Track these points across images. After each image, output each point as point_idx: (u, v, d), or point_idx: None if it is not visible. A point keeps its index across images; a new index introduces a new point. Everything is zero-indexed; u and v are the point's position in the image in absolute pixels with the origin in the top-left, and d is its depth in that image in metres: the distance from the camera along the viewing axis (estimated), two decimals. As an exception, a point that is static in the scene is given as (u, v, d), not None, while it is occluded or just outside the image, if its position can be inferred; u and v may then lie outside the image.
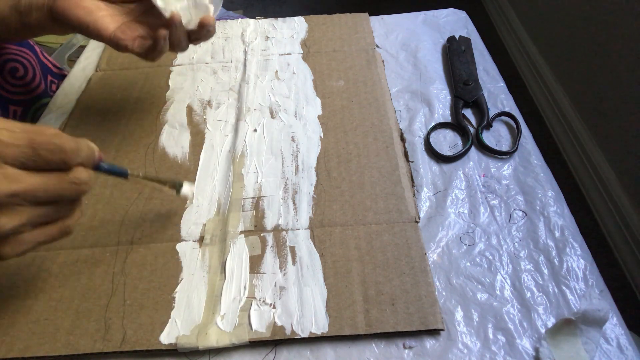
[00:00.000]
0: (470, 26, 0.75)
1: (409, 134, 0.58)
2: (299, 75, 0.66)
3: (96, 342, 0.40)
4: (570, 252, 0.46)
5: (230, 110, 0.61)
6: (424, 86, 0.64)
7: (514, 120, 0.58)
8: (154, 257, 0.46)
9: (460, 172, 0.54)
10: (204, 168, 0.54)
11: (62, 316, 0.42)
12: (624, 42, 1.26)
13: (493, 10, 2.19)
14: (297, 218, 0.49)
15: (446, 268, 0.45)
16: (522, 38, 1.89)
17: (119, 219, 0.50)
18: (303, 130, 0.58)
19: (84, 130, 0.60)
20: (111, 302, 0.43)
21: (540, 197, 0.51)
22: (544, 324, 0.41)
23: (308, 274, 0.44)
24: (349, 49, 0.69)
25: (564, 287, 0.44)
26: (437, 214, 0.50)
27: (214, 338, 0.40)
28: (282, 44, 0.71)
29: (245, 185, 0.52)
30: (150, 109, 0.62)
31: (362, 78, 0.64)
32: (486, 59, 0.68)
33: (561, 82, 1.62)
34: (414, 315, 0.41)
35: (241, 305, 0.42)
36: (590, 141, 1.44)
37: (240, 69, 0.67)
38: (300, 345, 0.41)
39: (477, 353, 0.40)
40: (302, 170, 0.53)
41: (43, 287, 0.44)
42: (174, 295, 0.43)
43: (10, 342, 0.41)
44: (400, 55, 0.70)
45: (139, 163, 0.55)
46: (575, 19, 1.51)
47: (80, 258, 0.46)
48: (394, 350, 0.40)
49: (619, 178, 1.31)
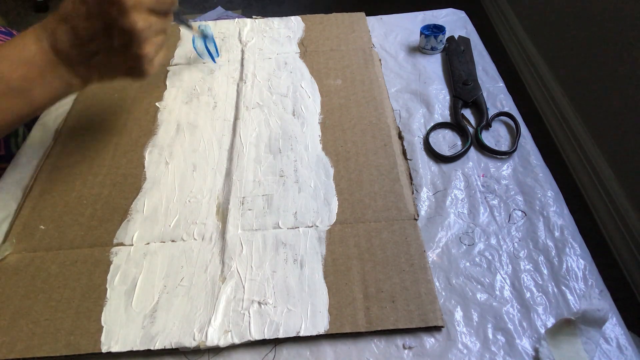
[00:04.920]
0: (469, 26, 0.75)
1: (408, 134, 0.58)
2: (296, 74, 0.66)
3: (96, 342, 0.40)
4: (570, 252, 0.46)
5: (228, 109, 0.61)
6: (423, 86, 0.64)
7: (513, 120, 0.58)
8: (153, 256, 0.46)
9: (460, 172, 0.54)
10: (203, 166, 0.54)
11: (62, 316, 0.42)
12: (624, 42, 1.26)
13: (492, 10, 2.19)
14: (297, 216, 0.49)
15: (446, 268, 0.45)
16: (521, 38, 1.90)
17: (119, 218, 0.50)
18: (301, 129, 0.58)
19: (82, 130, 0.60)
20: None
21: (539, 197, 0.51)
22: (544, 324, 0.41)
23: (308, 272, 0.44)
24: (346, 48, 0.69)
25: (564, 287, 0.44)
26: (436, 214, 0.50)
27: (214, 337, 0.40)
28: (279, 43, 0.71)
29: (244, 183, 0.52)
30: (148, 109, 0.62)
31: (360, 77, 0.64)
32: (485, 59, 0.69)
33: (560, 82, 1.62)
34: (414, 312, 0.41)
35: (241, 304, 0.42)
36: (589, 141, 1.44)
37: (237, 68, 0.67)
38: (300, 345, 0.40)
39: (476, 353, 0.40)
40: (300, 168, 0.53)
41: (43, 287, 0.44)
42: (173, 294, 0.43)
43: (11, 342, 0.41)
44: (399, 55, 0.70)
45: (137, 163, 0.55)
46: (574, 19, 1.51)
47: (80, 258, 0.46)
48: (394, 351, 0.40)
49: (618, 178, 1.31)
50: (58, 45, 0.44)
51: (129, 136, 0.58)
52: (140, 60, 0.45)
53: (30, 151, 0.58)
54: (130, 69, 0.47)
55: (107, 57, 0.46)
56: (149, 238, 0.48)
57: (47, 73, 0.45)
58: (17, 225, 0.50)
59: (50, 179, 0.54)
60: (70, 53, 0.44)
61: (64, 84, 0.46)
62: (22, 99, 0.45)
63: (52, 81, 0.45)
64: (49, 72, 0.45)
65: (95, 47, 0.45)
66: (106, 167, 0.55)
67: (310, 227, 0.48)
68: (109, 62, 0.46)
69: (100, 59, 0.46)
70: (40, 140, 0.59)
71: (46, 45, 0.44)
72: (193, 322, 0.41)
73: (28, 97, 0.45)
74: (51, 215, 0.50)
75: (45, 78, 0.45)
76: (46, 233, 0.49)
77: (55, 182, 0.54)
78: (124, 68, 0.47)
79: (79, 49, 0.44)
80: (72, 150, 0.57)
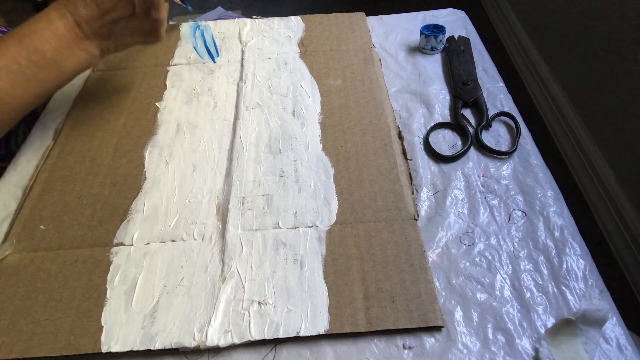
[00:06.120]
0: (469, 26, 0.75)
1: (408, 134, 0.58)
2: (296, 74, 0.66)
3: (96, 342, 0.40)
4: (570, 252, 0.46)
5: (228, 109, 0.61)
6: (423, 86, 0.64)
7: (513, 120, 0.58)
8: (153, 256, 0.46)
9: (460, 172, 0.54)
10: (203, 166, 0.54)
11: (62, 316, 0.42)
12: (623, 41, 1.26)
13: (492, 10, 2.19)
14: (297, 216, 0.49)
15: (446, 268, 0.45)
16: (521, 38, 1.90)
17: (119, 218, 0.50)
18: (301, 129, 0.58)
19: (82, 130, 0.60)
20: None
21: (539, 197, 0.51)
22: (544, 324, 0.41)
23: (308, 272, 0.44)
24: (346, 48, 0.69)
25: (564, 287, 0.44)
26: (436, 214, 0.50)
27: (214, 337, 0.40)
28: (279, 43, 0.71)
29: (244, 183, 0.52)
30: (148, 109, 0.62)
31: (360, 77, 0.64)
32: (485, 58, 0.69)
33: (560, 82, 1.62)
34: (414, 312, 0.41)
35: (241, 304, 0.42)
36: (589, 141, 1.44)
37: (237, 68, 0.67)
38: (300, 345, 0.41)
39: (476, 353, 0.40)
40: (300, 168, 0.53)
41: (43, 287, 0.44)
42: (173, 294, 0.43)
43: (11, 343, 0.41)
44: (399, 55, 0.70)
45: (137, 163, 0.55)
46: (574, 19, 1.51)
47: (80, 258, 0.46)
48: (394, 351, 0.40)
49: (617, 178, 1.32)
50: (82, 17, 0.49)
51: (129, 136, 0.58)
52: (157, 24, 0.53)
53: (30, 151, 0.58)
54: (147, 34, 0.54)
55: (128, 24, 0.52)
56: (149, 238, 0.48)
57: (73, 46, 0.50)
58: (17, 225, 0.50)
59: (50, 179, 0.54)
60: (93, 24, 0.50)
61: (88, 56, 0.52)
62: (55, 69, 0.49)
63: (79, 53, 0.51)
64: (75, 45, 0.50)
65: (117, 15, 0.50)
66: (106, 167, 0.55)
67: (310, 227, 0.48)
68: (129, 30, 0.53)
69: (121, 28, 0.52)
70: (40, 140, 0.59)
71: (71, 20, 0.49)
72: (193, 322, 0.41)
73: (60, 68, 0.50)
74: (51, 215, 0.50)
75: (73, 50, 0.50)
76: (46, 233, 0.49)
77: (55, 182, 0.54)
78: (142, 34, 0.54)
79: (101, 19, 0.50)
80: (72, 150, 0.57)
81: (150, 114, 0.61)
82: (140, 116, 0.61)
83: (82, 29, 0.50)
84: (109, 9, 0.50)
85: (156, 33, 0.54)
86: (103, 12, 0.50)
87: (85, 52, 0.51)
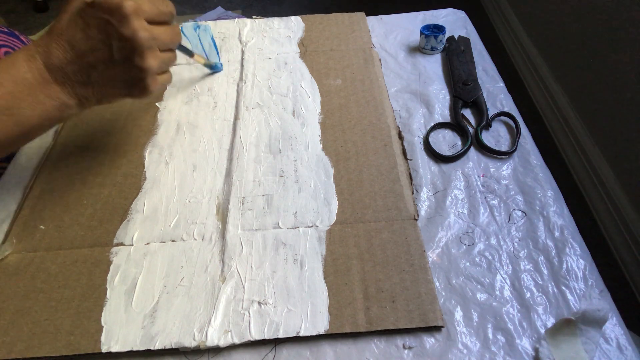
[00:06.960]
0: (469, 26, 0.75)
1: (408, 134, 0.58)
2: (296, 74, 0.66)
3: (96, 342, 0.40)
4: (570, 252, 0.46)
5: (228, 109, 0.61)
6: (423, 86, 0.64)
7: (513, 120, 0.58)
8: (153, 256, 0.46)
9: (460, 172, 0.54)
10: (203, 166, 0.54)
11: (62, 316, 0.42)
12: (623, 42, 1.26)
13: (492, 10, 2.19)
14: (297, 216, 0.49)
15: (446, 268, 0.45)
16: (521, 38, 1.90)
17: (119, 218, 0.50)
18: (301, 129, 0.58)
19: (81, 131, 0.60)
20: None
21: (539, 197, 0.51)
22: (544, 324, 0.41)
23: (308, 272, 0.44)
24: (346, 48, 0.69)
25: (564, 287, 0.44)
26: (436, 214, 0.50)
27: (214, 337, 0.40)
28: (279, 43, 0.71)
29: (244, 183, 0.52)
30: (148, 109, 0.62)
31: (360, 77, 0.64)
32: (485, 59, 0.69)
33: (560, 82, 1.62)
34: (414, 312, 0.41)
35: (241, 304, 0.42)
36: (589, 141, 1.44)
37: (237, 68, 0.67)
38: (300, 345, 0.41)
39: (476, 353, 0.40)
40: (300, 168, 0.53)
41: (43, 287, 0.44)
42: (173, 294, 0.43)
43: (11, 342, 0.41)
44: (399, 55, 0.70)
45: (137, 163, 0.55)
46: (574, 19, 1.51)
47: (80, 258, 0.46)
48: (394, 351, 0.40)
49: (617, 178, 1.31)
50: (52, 61, 0.42)
51: (129, 136, 0.58)
52: (142, 73, 0.43)
53: (30, 151, 0.58)
54: (131, 84, 0.45)
55: (107, 71, 0.43)
56: (149, 238, 0.48)
57: (38, 92, 0.43)
58: (17, 225, 0.50)
59: (50, 179, 0.54)
60: (66, 69, 0.43)
61: (57, 105, 0.44)
62: (8, 117, 0.42)
63: (44, 101, 0.43)
64: (40, 91, 0.43)
65: (94, 59, 0.43)
66: (106, 167, 0.55)
67: (310, 227, 0.48)
68: (109, 78, 0.44)
69: (99, 74, 0.44)
70: (40, 140, 0.59)
71: (39, 62, 0.42)
72: (193, 322, 0.41)
73: (15, 116, 0.42)
74: (51, 215, 0.50)
75: (37, 97, 0.43)
76: (46, 233, 0.49)
77: (55, 182, 0.54)
78: (125, 84, 0.45)
79: (76, 63, 0.43)
80: (72, 150, 0.57)
81: (150, 114, 0.61)
82: (140, 116, 0.61)
83: (53, 74, 0.42)
84: (85, 52, 0.42)
85: (140, 84, 0.45)
86: (78, 55, 0.42)
87: (54, 99, 0.43)
